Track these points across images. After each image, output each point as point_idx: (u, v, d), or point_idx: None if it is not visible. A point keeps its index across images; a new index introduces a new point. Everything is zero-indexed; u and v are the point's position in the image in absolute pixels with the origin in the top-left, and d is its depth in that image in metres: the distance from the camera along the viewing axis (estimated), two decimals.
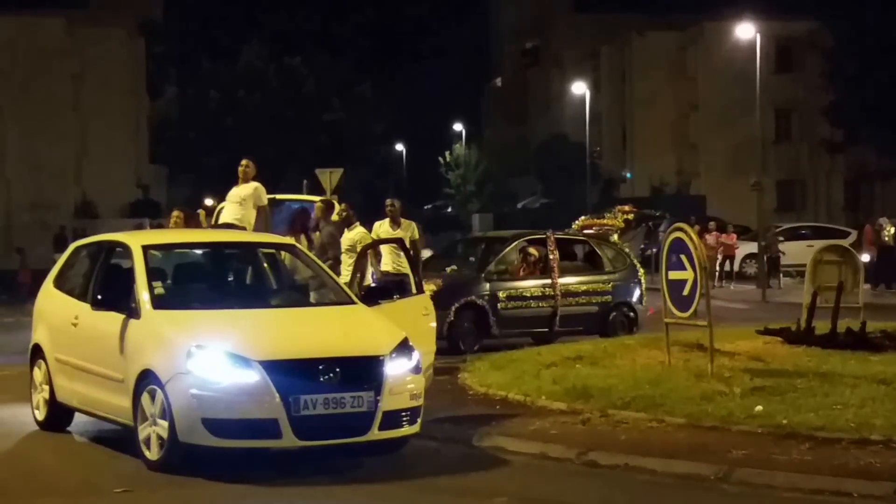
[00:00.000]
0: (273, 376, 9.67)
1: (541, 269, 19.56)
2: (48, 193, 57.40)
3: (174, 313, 10.66)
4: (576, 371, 14.21)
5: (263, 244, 12.75)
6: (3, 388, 15.07)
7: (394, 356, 10.23)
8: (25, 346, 12.96)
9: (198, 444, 9.71)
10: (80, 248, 12.80)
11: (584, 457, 10.28)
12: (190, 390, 9.73)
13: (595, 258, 20.59)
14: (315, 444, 9.84)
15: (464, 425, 11.64)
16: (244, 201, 14.79)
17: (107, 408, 10.97)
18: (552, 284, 19.25)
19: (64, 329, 11.85)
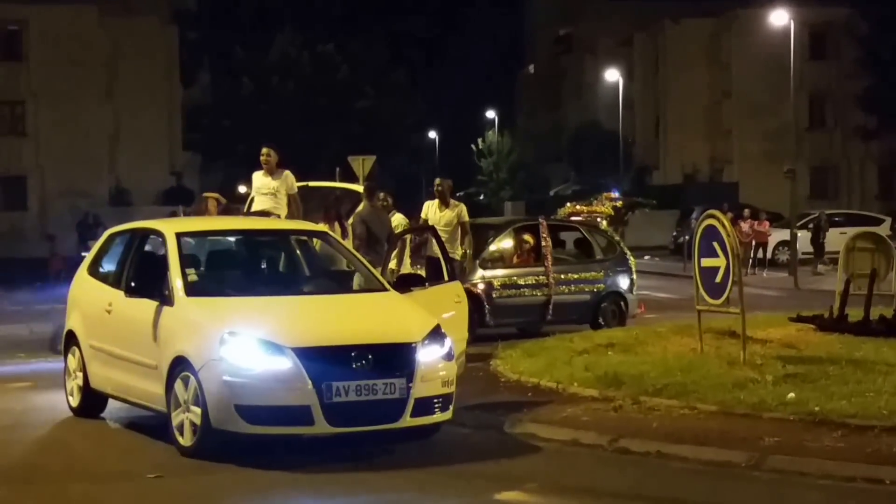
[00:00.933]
0: (306, 363, 9.71)
1: (534, 256, 19.09)
2: (82, 181, 57.73)
3: (207, 300, 10.72)
4: (607, 358, 14.20)
5: (296, 231, 12.80)
6: (39, 375, 15.20)
7: (426, 343, 10.26)
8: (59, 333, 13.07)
9: (231, 430, 9.76)
10: (114, 236, 12.88)
11: (616, 444, 10.28)
12: (223, 377, 9.78)
13: (586, 246, 20.22)
14: (347, 430, 9.88)
15: (495, 412, 11.65)
16: (276, 191, 14.76)
17: (140, 394, 11.05)
18: (546, 272, 18.79)
19: (98, 316, 11.92)
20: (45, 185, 58.85)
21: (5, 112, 59.86)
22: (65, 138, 57.71)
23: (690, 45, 66.77)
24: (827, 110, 64.96)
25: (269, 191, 14.48)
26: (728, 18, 64.77)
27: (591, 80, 72.38)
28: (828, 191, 63.49)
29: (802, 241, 35.62)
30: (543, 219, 20.06)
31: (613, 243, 20.35)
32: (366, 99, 68.22)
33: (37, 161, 58.90)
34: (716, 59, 66.69)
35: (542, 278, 18.74)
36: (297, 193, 15.12)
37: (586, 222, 20.78)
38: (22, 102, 59.42)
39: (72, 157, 57.74)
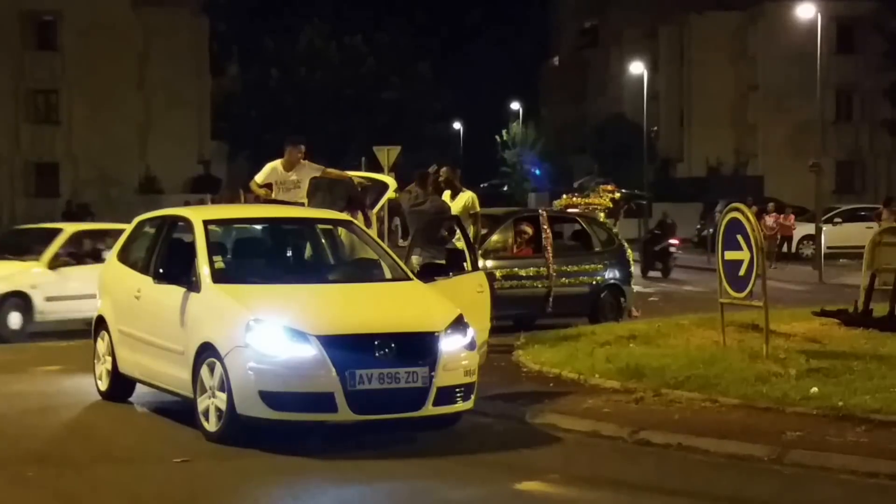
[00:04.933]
0: (329, 351, 9.71)
1: (534, 248, 18.76)
2: (113, 169, 58.01)
3: (234, 287, 10.72)
4: (629, 350, 14.15)
5: (321, 220, 12.78)
6: (68, 359, 15.26)
7: (448, 332, 10.24)
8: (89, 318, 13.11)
9: (255, 416, 9.78)
10: (143, 223, 12.91)
11: (637, 435, 10.23)
12: (248, 363, 9.79)
13: (585, 237, 19.86)
14: (370, 418, 9.88)
15: (517, 402, 11.63)
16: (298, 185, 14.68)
17: (167, 379, 11.08)
18: (546, 263, 18.46)
19: (127, 301, 11.96)
20: (77, 172, 59.16)
21: (39, 101, 60.22)
22: (97, 127, 57.99)
23: (716, 38, 66.46)
24: (854, 104, 64.55)
25: (290, 185, 14.43)
26: (754, 11, 64.42)
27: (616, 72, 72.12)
28: (854, 185, 63.13)
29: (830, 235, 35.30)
30: (544, 210, 19.89)
31: (612, 235, 20.09)
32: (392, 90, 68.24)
33: (69, 149, 59.22)
34: (742, 53, 66.37)
35: (543, 270, 18.43)
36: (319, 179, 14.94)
37: (585, 214, 20.49)
38: (56, 91, 59.76)
39: (103, 145, 58.02)
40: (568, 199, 22.43)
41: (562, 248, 19.52)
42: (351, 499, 8.68)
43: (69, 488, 8.75)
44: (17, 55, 58.47)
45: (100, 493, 8.65)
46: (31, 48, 59.29)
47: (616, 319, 18.45)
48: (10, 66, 58.06)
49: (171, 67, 60.79)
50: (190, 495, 8.62)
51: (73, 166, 59.43)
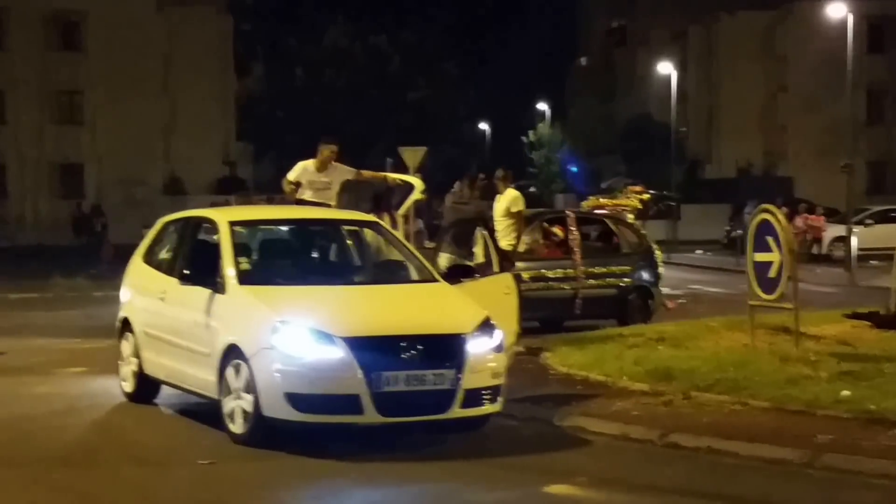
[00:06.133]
0: (356, 352, 9.72)
1: (561, 249, 18.68)
2: (137, 170, 58.26)
3: (259, 289, 10.74)
4: (658, 352, 14.10)
5: (347, 221, 12.79)
6: (93, 361, 15.32)
7: (476, 334, 10.24)
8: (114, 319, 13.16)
9: (281, 418, 9.80)
10: (168, 224, 12.94)
11: (666, 438, 10.20)
12: (274, 365, 9.81)
13: (612, 239, 19.79)
14: (397, 420, 9.89)
15: (545, 404, 11.61)
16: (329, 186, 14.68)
17: (192, 381, 11.10)
18: (574, 265, 18.39)
19: (152, 303, 12.01)
20: (101, 173, 59.42)
21: (64, 101, 60.54)
22: (121, 127, 58.25)
23: (745, 37, 66.24)
24: (885, 104, 64.23)
25: (321, 185, 14.42)
26: (784, 11, 64.19)
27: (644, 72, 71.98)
28: (886, 186, 62.78)
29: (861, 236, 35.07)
30: (571, 211, 19.82)
31: (640, 237, 20.03)
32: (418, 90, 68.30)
33: (94, 150, 59.49)
34: (771, 53, 66.13)
35: (571, 271, 18.37)
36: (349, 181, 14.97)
37: (613, 215, 20.39)
38: (80, 92, 60.08)
39: (128, 145, 58.27)
40: (595, 200, 22.33)
41: (590, 249, 19.43)
42: (378, 501, 8.70)
43: (94, 490, 8.79)
44: (42, 56, 58.81)
45: (125, 495, 8.69)
46: (56, 49, 59.62)
47: (644, 321, 18.37)
48: (35, 67, 58.41)
49: (195, 68, 61.02)
50: (216, 498, 8.64)
51: (97, 167, 59.71)
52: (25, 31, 58.56)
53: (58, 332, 18.07)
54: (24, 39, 58.69)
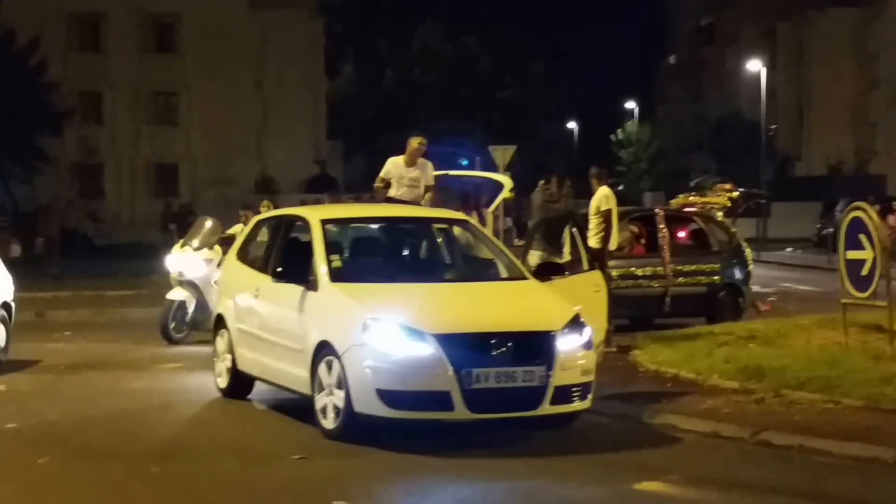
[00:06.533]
0: (447, 349, 9.73)
1: (650, 247, 18.49)
2: (230, 169, 58.89)
3: (351, 286, 10.79)
4: (748, 350, 13.94)
5: (437, 219, 12.80)
6: (188, 357, 15.52)
7: (565, 332, 10.19)
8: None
9: (372, 414, 9.84)
10: (261, 222, 13.07)
11: (758, 436, 10.07)
12: (365, 362, 9.85)
13: (702, 237, 19.54)
14: (486, 416, 9.88)
15: (635, 402, 11.53)
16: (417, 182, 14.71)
17: (285, 377, 11.18)
18: (663, 263, 18.23)
19: (245, 300, 12.12)
20: (195, 172, 60.17)
21: (160, 102, 61.42)
22: (215, 128, 58.91)
23: (836, 35, 65.33)
24: None
25: (409, 182, 14.44)
26: (876, 7, 63.19)
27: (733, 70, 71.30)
28: None
29: None
30: (660, 209, 19.64)
31: (730, 235, 19.78)
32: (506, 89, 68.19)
33: (188, 150, 60.26)
34: (862, 50, 65.12)
35: (660, 269, 18.23)
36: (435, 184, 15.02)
37: (702, 213, 20.15)
38: (175, 93, 60.89)
39: (221, 145, 58.93)
40: (684, 198, 22.10)
41: (679, 247, 19.27)
42: (468, 497, 8.68)
43: (191, 483, 8.89)
44: (138, 58, 59.70)
45: (220, 489, 8.77)
46: (152, 51, 60.48)
47: (734, 319, 18.17)
48: (131, 69, 59.31)
49: (287, 69, 61.53)
50: (310, 492, 8.70)
51: (191, 167, 60.48)
52: (122, 34, 59.49)
53: (153, 329, 18.27)
54: (120, 42, 59.64)
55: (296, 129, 61.91)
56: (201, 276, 17.38)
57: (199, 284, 17.34)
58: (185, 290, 17.45)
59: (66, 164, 58.30)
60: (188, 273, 17.50)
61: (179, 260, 17.79)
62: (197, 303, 17.30)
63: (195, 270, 17.49)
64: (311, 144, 64.30)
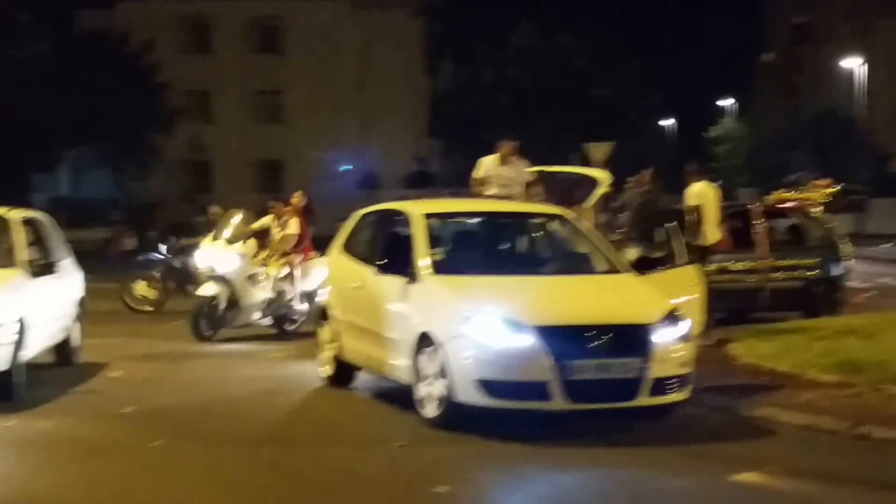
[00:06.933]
0: (546, 341, 9.72)
1: (747, 242, 18.12)
2: (333, 166, 59.33)
3: (452, 278, 10.83)
4: (846, 344, 13.70)
5: (536, 214, 12.78)
6: (294, 346, 15.69)
7: (663, 324, 10.13)
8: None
9: (472, 403, 9.87)
10: (365, 216, 13.15)
11: (856, 430, 9.91)
12: (466, 352, 9.88)
13: (799, 232, 19.31)
14: (584, 407, 9.86)
15: (731, 394, 11.41)
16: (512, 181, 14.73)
17: (388, 367, 11.24)
18: (759, 258, 17.97)
19: (349, 291, 12.20)
20: (300, 169, 60.70)
21: (265, 101, 62.16)
22: (318, 125, 59.42)
23: None
24: None
25: (503, 181, 14.50)
26: None
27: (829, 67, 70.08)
28: None
29: None
30: (757, 205, 19.40)
31: (827, 230, 19.48)
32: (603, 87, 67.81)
33: (293, 147, 60.86)
34: None
35: (757, 264, 18.02)
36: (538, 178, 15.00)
37: (799, 208, 19.85)
38: (280, 92, 61.55)
39: (324, 142, 59.41)
40: (781, 193, 21.78)
41: (776, 242, 19.04)
42: (566, 485, 8.66)
43: (297, 467, 8.99)
44: (245, 59, 60.48)
45: (325, 473, 8.85)
46: (258, 52, 61.20)
47: (831, 314, 17.89)
48: (239, 69, 60.11)
49: (389, 68, 61.86)
50: (411, 478, 8.74)
51: (296, 163, 61.05)
52: (230, 36, 60.30)
53: None
54: (228, 43, 60.47)
55: (397, 127, 62.22)
56: (234, 271, 16.53)
57: (232, 280, 16.48)
58: (217, 285, 16.46)
59: (177, 160, 59.25)
60: (220, 268, 16.54)
61: (211, 254, 16.83)
62: (229, 300, 16.45)
63: (228, 265, 16.55)
64: (411, 142, 64.56)
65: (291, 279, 17.20)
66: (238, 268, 16.57)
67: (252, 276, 16.73)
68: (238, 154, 60.89)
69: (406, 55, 63.44)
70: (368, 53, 62.01)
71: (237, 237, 16.84)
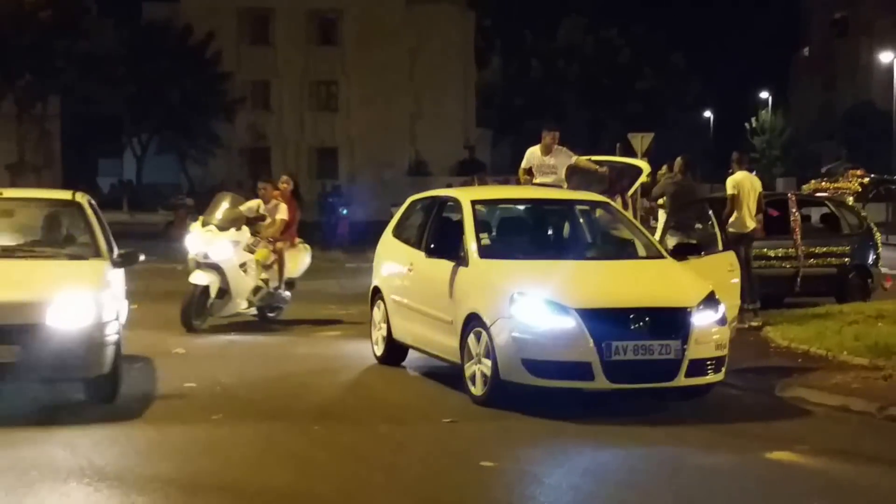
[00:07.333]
0: (588, 323, 9.71)
1: (782, 230, 17.94)
2: (385, 153, 59.45)
3: (499, 262, 10.85)
4: (877, 329, 13.61)
5: (580, 201, 12.76)
6: (347, 326, 15.76)
7: (700, 308, 10.10)
8: (365, 289, 13.49)
9: (517, 382, 9.89)
10: (415, 202, 13.17)
11: (886, 411, 9.85)
12: (512, 333, 9.89)
13: (832, 220, 19.13)
14: (625, 387, 9.86)
15: (766, 376, 11.36)
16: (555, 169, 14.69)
17: (437, 346, 11.28)
18: (794, 245, 17.88)
19: (400, 274, 12.25)
20: (353, 155, 60.90)
21: (322, 91, 62.36)
22: (372, 114, 59.55)
23: None
24: None
25: (548, 169, 14.50)
26: None
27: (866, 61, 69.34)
28: None
29: None
30: (792, 194, 19.24)
31: (860, 219, 19.32)
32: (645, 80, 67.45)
33: (347, 134, 61.03)
34: None
35: (792, 251, 17.93)
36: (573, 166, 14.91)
37: (833, 198, 19.72)
38: (335, 82, 61.71)
39: (377, 131, 59.54)
40: (816, 183, 21.63)
41: (810, 230, 18.94)
42: (607, 461, 8.67)
43: (350, 441, 9.04)
44: (304, 50, 60.68)
45: (377, 447, 8.90)
46: (315, 43, 61.37)
47: (863, 300, 17.75)
48: (298, 61, 60.32)
49: (439, 60, 61.83)
50: (460, 452, 8.77)
51: (350, 150, 61.23)
52: (288, 28, 60.49)
53: (315, 299, 18.60)
54: (287, 35, 60.67)
55: (447, 117, 62.20)
56: (227, 259, 15.09)
57: (224, 268, 15.04)
58: (208, 273, 15.00)
59: (237, 147, 59.56)
60: (213, 255, 15.01)
61: (203, 240, 15.17)
62: (220, 288, 15.07)
63: (221, 253, 15.05)
64: (461, 131, 64.52)
65: (280, 267, 16.02)
66: (231, 256, 15.13)
67: (243, 264, 15.41)
68: (295, 141, 61.13)
69: (456, 47, 63.36)
70: (420, 46, 61.99)
71: (229, 222, 15.33)
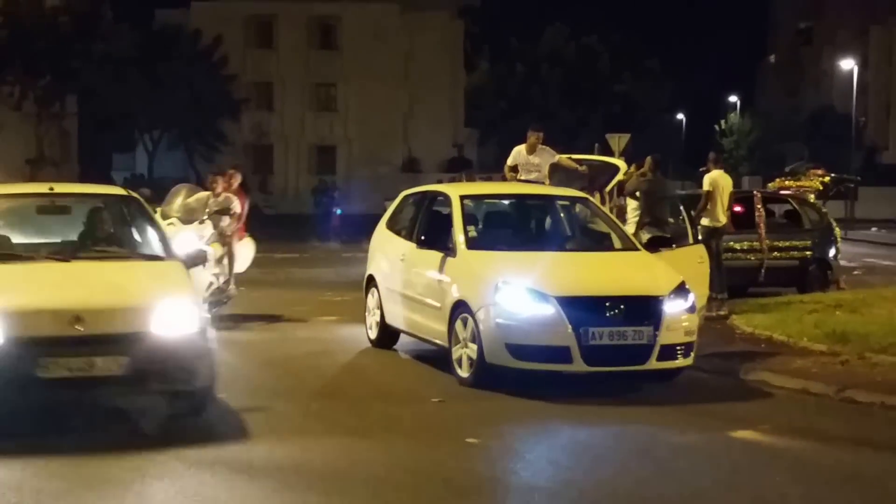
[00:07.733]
0: (567, 310, 9.74)
1: (747, 224, 17.98)
2: (380, 151, 59.41)
3: (484, 253, 10.87)
4: (835, 317, 13.65)
5: (560, 197, 12.77)
6: (343, 311, 15.76)
7: (672, 297, 10.13)
8: (360, 277, 13.50)
9: (501, 364, 9.92)
10: (407, 197, 13.18)
11: (842, 394, 9.90)
12: (496, 319, 9.92)
13: (795, 216, 19.21)
14: (600, 370, 9.89)
15: (732, 360, 11.40)
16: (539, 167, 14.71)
17: (426, 331, 11.30)
18: (759, 238, 17.96)
19: (393, 263, 12.25)
20: (350, 153, 60.84)
21: (321, 92, 62.26)
22: (368, 115, 59.49)
23: None
24: None
25: (532, 167, 14.50)
26: None
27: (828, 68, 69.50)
28: None
29: None
30: (758, 191, 19.33)
31: (821, 215, 19.40)
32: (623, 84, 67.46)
33: (345, 133, 60.95)
34: None
35: (756, 244, 18.02)
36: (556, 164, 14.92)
37: (796, 195, 19.83)
38: (334, 84, 61.60)
39: (373, 130, 59.50)
40: (780, 181, 21.66)
41: (774, 225, 19.01)
42: (583, 439, 8.69)
43: (348, 420, 9.05)
44: (305, 54, 60.55)
45: (370, 424, 8.91)
46: (315, 48, 61.26)
47: (823, 290, 17.82)
48: (299, 64, 60.20)
49: (431, 64, 61.79)
50: (446, 429, 8.80)
51: (347, 148, 61.15)
52: (290, 34, 60.35)
53: (313, 286, 18.61)
54: (289, 41, 60.53)
55: (437, 117, 62.17)
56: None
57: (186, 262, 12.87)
58: None
59: (242, 144, 59.42)
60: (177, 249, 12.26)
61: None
62: None
63: (185, 247, 12.49)
64: (450, 130, 64.49)
65: (230, 261, 14.83)
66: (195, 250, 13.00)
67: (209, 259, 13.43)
68: (296, 139, 61.03)
69: (447, 52, 63.31)
70: (413, 50, 61.94)
71: (189, 214, 14.14)
